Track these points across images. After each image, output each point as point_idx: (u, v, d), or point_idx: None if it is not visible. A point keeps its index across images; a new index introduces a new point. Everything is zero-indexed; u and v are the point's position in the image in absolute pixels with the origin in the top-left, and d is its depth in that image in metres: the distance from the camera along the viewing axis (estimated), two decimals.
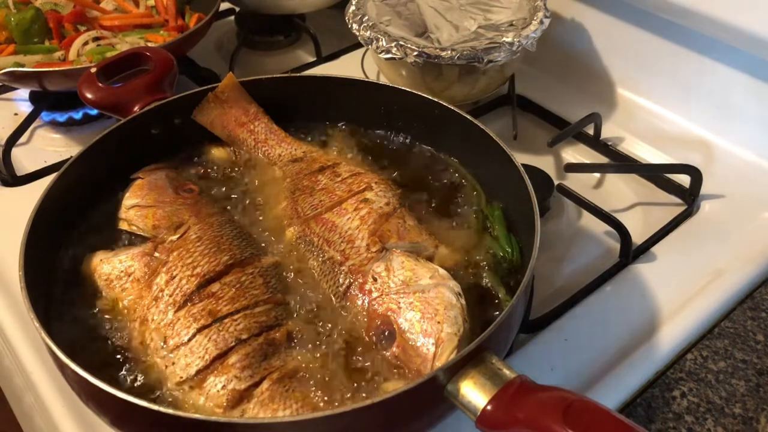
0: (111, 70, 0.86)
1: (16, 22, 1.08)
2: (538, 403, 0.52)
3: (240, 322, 0.62)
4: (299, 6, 1.26)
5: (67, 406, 0.70)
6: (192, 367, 0.59)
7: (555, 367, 0.74)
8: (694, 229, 0.90)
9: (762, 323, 0.78)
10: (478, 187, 0.80)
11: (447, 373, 0.54)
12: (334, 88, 0.87)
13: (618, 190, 0.97)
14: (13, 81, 0.99)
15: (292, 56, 1.29)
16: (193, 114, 0.84)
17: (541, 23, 0.98)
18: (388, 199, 0.73)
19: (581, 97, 1.12)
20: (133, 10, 1.18)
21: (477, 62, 0.93)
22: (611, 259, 0.86)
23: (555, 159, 1.03)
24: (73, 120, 1.08)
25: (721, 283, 0.82)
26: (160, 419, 0.52)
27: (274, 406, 0.57)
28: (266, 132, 0.84)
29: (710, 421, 0.69)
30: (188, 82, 1.16)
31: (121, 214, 0.75)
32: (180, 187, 0.77)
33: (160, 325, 0.62)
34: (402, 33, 0.98)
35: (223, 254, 0.67)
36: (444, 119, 0.81)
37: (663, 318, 0.78)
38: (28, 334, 0.77)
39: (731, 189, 0.95)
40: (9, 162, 0.99)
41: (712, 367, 0.74)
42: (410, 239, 0.70)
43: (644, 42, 1.06)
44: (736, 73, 0.98)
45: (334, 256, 0.68)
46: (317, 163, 0.79)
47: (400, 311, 0.61)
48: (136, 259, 0.68)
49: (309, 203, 0.74)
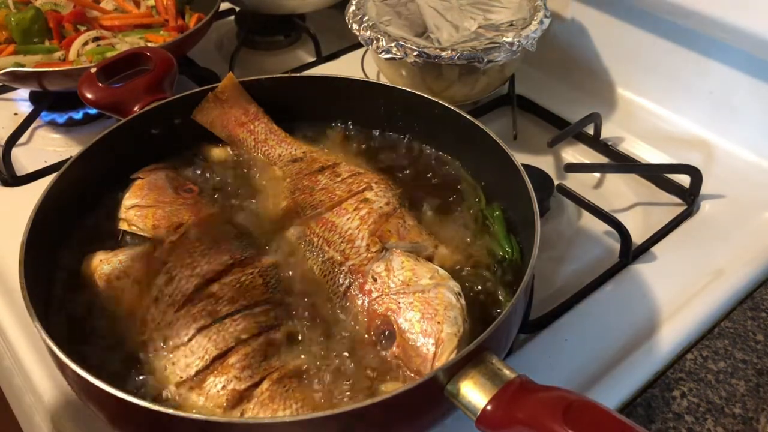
0: (111, 70, 0.86)
1: (16, 22, 1.08)
2: (538, 403, 0.52)
3: (240, 322, 0.62)
4: (299, 6, 1.26)
5: (67, 406, 0.70)
6: (192, 368, 0.59)
7: (555, 367, 0.74)
8: (694, 229, 0.90)
9: (762, 323, 0.78)
10: (478, 187, 0.80)
11: (447, 373, 0.54)
12: (334, 88, 0.87)
13: (618, 190, 0.97)
14: (13, 81, 0.99)
15: (292, 56, 1.29)
16: (193, 114, 0.84)
17: (541, 23, 0.98)
18: (388, 199, 0.73)
19: (581, 97, 1.12)
20: (133, 10, 1.18)
21: (477, 62, 0.94)
22: (611, 259, 0.86)
23: (555, 159, 1.03)
24: (73, 120, 1.08)
25: (721, 283, 0.82)
26: (160, 419, 0.52)
27: (274, 406, 0.57)
28: (266, 132, 0.84)
29: (710, 421, 0.69)
30: (188, 82, 1.16)
31: (121, 214, 0.75)
32: (180, 187, 0.77)
33: (160, 326, 0.62)
34: (402, 33, 0.98)
35: (222, 254, 0.67)
36: (444, 119, 0.81)
37: (663, 318, 0.78)
38: (28, 334, 0.77)
39: (731, 189, 0.95)
40: (9, 162, 0.99)
41: (712, 367, 0.74)
42: (410, 239, 0.70)
43: (644, 42, 1.06)
44: (736, 73, 0.98)
45: (334, 256, 0.68)
46: (317, 163, 0.79)
47: (400, 311, 0.61)
48: (135, 259, 0.68)
49: (309, 203, 0.74)
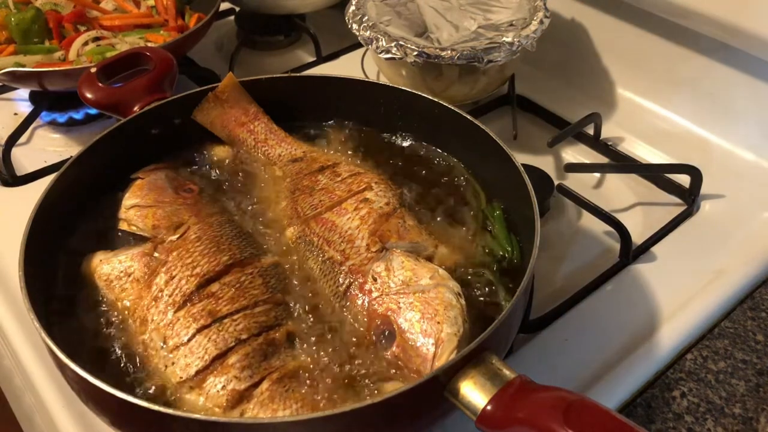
0: (111, 70, 0.86)
1: (16, 22, 1.08)
2: (538, 403, 0.52)
3: (240, 322, 0.62)
4: (299, 6, 1.26)
5: (67, 406, 0.70)
6: (192, 368, 0.59)
7: (555, 367, 0.74)
8: (694, 229, 0.90)
9: (762, 323, 0.78)
10: (478, 187, 0.80)
11: (447, 373, 0.54)
12: (334, 88, 0.87)
13: (618, 190, 0.97)
14: (13, 81, 0.99)
15: (292, 56, 1.29)
16: (193, 114, 0.84)
17: (541, 23, 0.98)
18: (388, 198, 0.73)
19: (581, 97, 1.12)
20: (133, 10, 1.18)
21: (477, 62, 0.93)
22: (611, 259, 0.86)
23: (555, 159, 1.03)
24: (73, 120, 1.08)
25: (721, 283, 0.82)
26: (160, 419, 0.52)
27: (274, 406, 0.57)
28: (266, 132, 0.84)
29: (710, 421, 0.69)
30: (188, 82, 1.15)
31: (121, 214, 0.75)
32: (180, 187, 0.77)
33: (160, 326, 0.62)
34: (402, 33, 0.98)
35: (222, 254, 0.67)
36: (444, 119, 0.81)
37: (663, 318, 0.78)
38: (28, 334, 0.77)
39: (731, 189, 0.95)
40: (9, 162, 0.99)
41: (712, 367, 0.74)
42: (410, 239, 0.70)
43: (644, 42, 1.06)
44: (736, 73, 0.98)
45: (334, 256, 0.68)
46: (317, 163, 0.79)
47: (400, 311, 0.61)
48: (135, 259, 0.68)
49: (309, 203, 0.74)
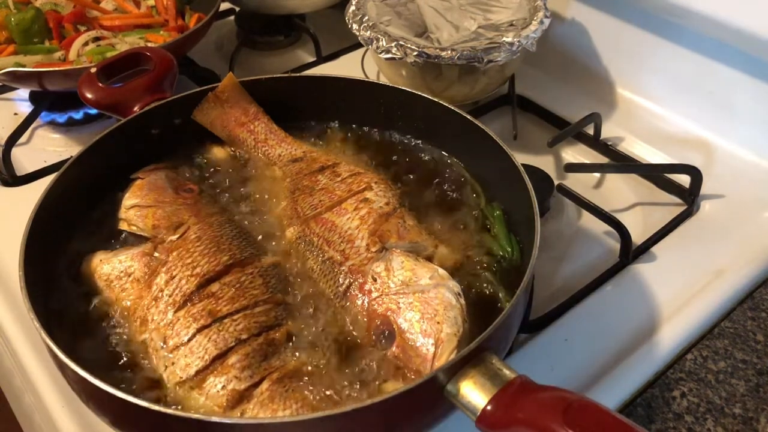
0: (111, 70, 0.86)
1: (16, 22, 1.08)
2: (538, 403, 0.52)
3: (240, 322, 0.62)
4: (299, 6, 1.26)
5: (67, 406, 0.70)
6: (192, 368, 0.59)
7: (555, 367, 0.74)
8: (694, 229, 0.90)
9: (762, 323, 0.78)
10: (478, 187, 0.80)
11: (447, 373, 0.54)
12: (334, 88, 0.87)
13: (618, 190, 0.97)
14: (13, 81, 0.99)
15: (292, 56, 1.29)
16: (193, 114, 0.84)
17: (541, 23, 0.98)
18: (387, 198, 0.73)
19: (581, 97, 1.12)
20: (133, 10, 1.18)
21: (477, 62, 0.93)
22: (611, 259, 0.86)
23: (555, 159, 1.03)
24: (73, 120, 1.08)
25: (721, 283, 0.82)
26: (160, 419, 0.52)
27: (274, 406, 0.57)
28: (266, 132, 0.84)
29: (710, 421, 0.69)
30: (188, 82, 1.16)
31: (121, 214, 0.75)
32: (180, 187, 0.77)
33: (160, 326, 0.62)
34: (402, 33, 0.98)
35: (222, 254, 0.67)
36: (444, 119, 0.81)
37: (663, 318, 0.78)
38: (28, 334, 0.77)
39: (731, 189, 0.95)
40: (9, 162, 0.99)
41: (712, 367, 0.74)
42: (410, 239, 0.70)
43: (644, 42, 1.06)
44: (736, 73, 0.98)
45: (334, 256, 0.68)
46: (317, 163, 0.79)
47: (400, 311, 0.61)
48: (135, 259, 0.68)
49: (309, 203, 0.74)
